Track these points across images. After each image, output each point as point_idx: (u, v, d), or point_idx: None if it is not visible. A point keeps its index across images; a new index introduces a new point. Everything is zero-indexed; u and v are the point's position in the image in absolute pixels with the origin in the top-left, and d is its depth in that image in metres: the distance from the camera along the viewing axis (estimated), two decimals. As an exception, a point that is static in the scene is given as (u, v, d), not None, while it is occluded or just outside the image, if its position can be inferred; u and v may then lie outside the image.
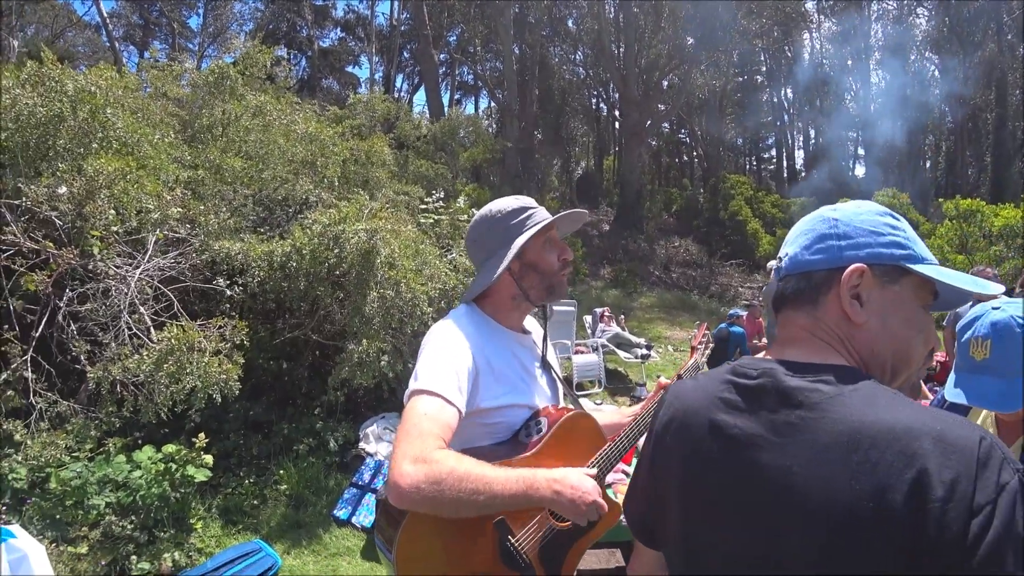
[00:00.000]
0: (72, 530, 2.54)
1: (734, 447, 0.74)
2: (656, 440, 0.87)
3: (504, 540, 1.19)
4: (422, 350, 1.28)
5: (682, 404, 0.84)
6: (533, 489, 1.10)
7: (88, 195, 2.86)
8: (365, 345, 3.61)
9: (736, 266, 16.12)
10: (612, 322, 8.24)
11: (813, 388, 0.70)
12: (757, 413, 0.73)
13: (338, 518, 3.54)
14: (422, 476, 1.03)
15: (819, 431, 0.67)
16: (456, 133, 11.39)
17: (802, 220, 0.86)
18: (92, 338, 2.83)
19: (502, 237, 1.36)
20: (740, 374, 0.79)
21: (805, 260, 0.78)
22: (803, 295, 0.79)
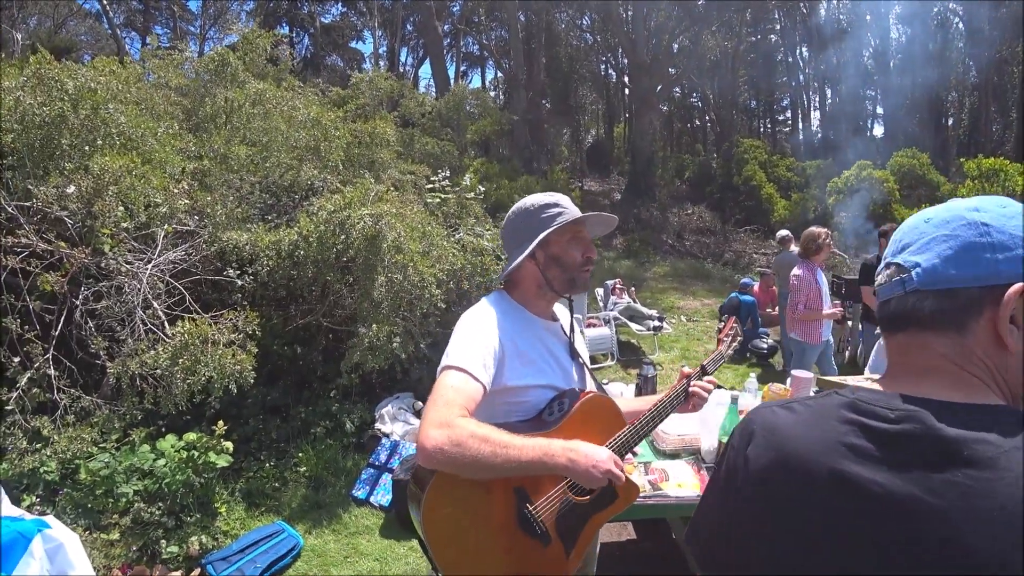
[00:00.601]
0: (103, 518, 2.67)
1: (878, 510, 0.61)
2: (754, 481, 0.73)
3: (522, 507, 1.29)
4: (455, 331, 1.40)
5: (789, 444, 0.71)
6: (548, 455, 1.20)
7: (96, 193, 2.90)
8: (375, 329, 3.65)
9: (750, 232, 15.90)
10: (624, 294, 8.24)
11: (980, 440, 0.58)
12: (906, 469, 0.61)
13: (356, 498, 3.65)
14: (445, 439, 1.13)
15: (1001, 496, 0.55)
16: (462, 108, 11.23)
17: (929, 219, 0.70)
18: (110, 334, 2.91)
19: (532, 229, 1.46)
20: (869, 414, 0.66)
21: (950, 275, 0.65)
22: (946, 317, 0.65)
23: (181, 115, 4.88)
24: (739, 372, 6.42)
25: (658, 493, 2.24)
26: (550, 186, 13.53)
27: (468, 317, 1.44)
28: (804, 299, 4.18)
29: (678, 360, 7.07)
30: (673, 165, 20.50)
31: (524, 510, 1.29)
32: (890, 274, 0.71)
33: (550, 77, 19.96)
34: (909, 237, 0.71)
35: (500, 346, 1.37)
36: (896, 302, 0.70)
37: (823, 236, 4.24)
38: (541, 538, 1.31)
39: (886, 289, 0.72)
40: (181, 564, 2.76)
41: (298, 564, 2.99)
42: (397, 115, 8.72)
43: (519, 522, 1.29)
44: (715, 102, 23.95)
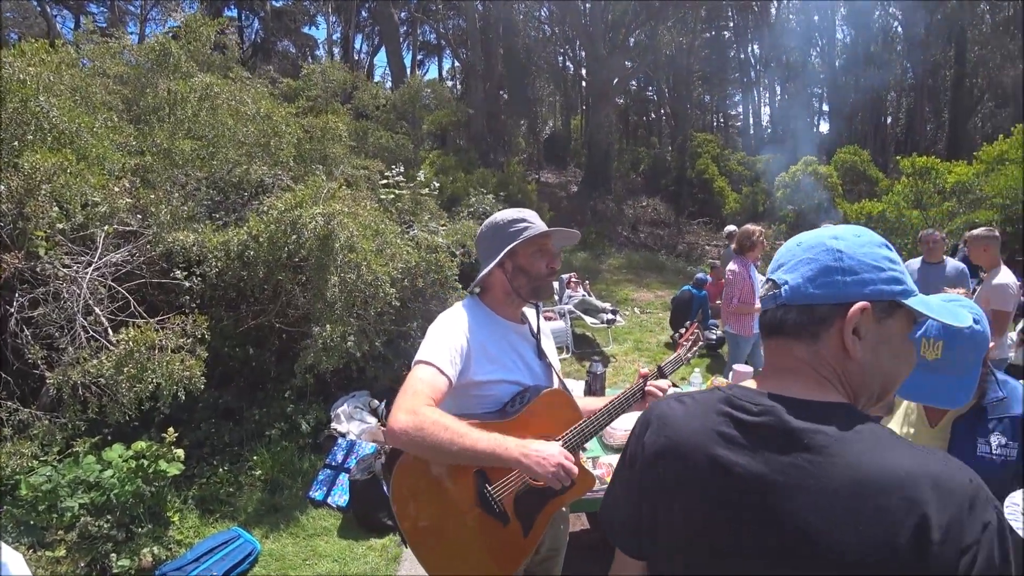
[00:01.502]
0: (48, 534, 2.58)
1: (739, 486, 0.75)
2: (647, 464, 0.86)
3: (482, 487, 1.43)
4: (429, 330, 1.55)
5: (675, 433, 0.84)
6: (502, 449, 1.31)
7: (27, 193, 2.76)
8: (329, 330, 3.63)
9: (703, 224, 16.43)
10: (579, 287, 8.40)
11: (818, 430, 0.71)
12: (761, 453, 0.74)
13: (314, 499, 3.64)
14: (410, 423, 1.28)
15: (827, 476, 0.68)
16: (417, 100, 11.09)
17: (801, 243, 0.83)
18: (49, 342, 2.79)
19: (501, 241, 1.61)
20: (738, 407, 0.79)
21: (809, 293, 0.77)
22: (804, 328, 0.78)
23: (121, 105, 4.64)
24: (690, 363, 6.67)
25: (605, 486, 2.35)
26: (506, 179, 13.57)
27: (442, 318, 1.59)
28: (738, 293, 4.40)
29: (631, 352, 7.28)
30: (629, 158, 20.87)
31: (483, 490, 1.43)
32: (767, 288, 0.83)
33: (508, 68, 19.89)
34: (784, 257, 0.83)
35: (468, 345, 1.51)
36: (770, 313, 0.82)
37: (757, 234, 4.47)
38: (499, 517, 1.45)
39: (764, 301, 0.84)
40: (133, 577, 2.70)
41: (256, 570, 2.98)
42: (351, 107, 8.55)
43: (479, 501, 1.43)
44: (670, 96, 24.45)
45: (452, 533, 1.42)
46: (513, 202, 11.94)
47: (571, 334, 7.16)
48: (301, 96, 7.10)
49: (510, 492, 1.47)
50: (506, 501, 1.46)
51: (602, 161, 17.50)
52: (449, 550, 1.42)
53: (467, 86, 20.09)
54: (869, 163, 13.92)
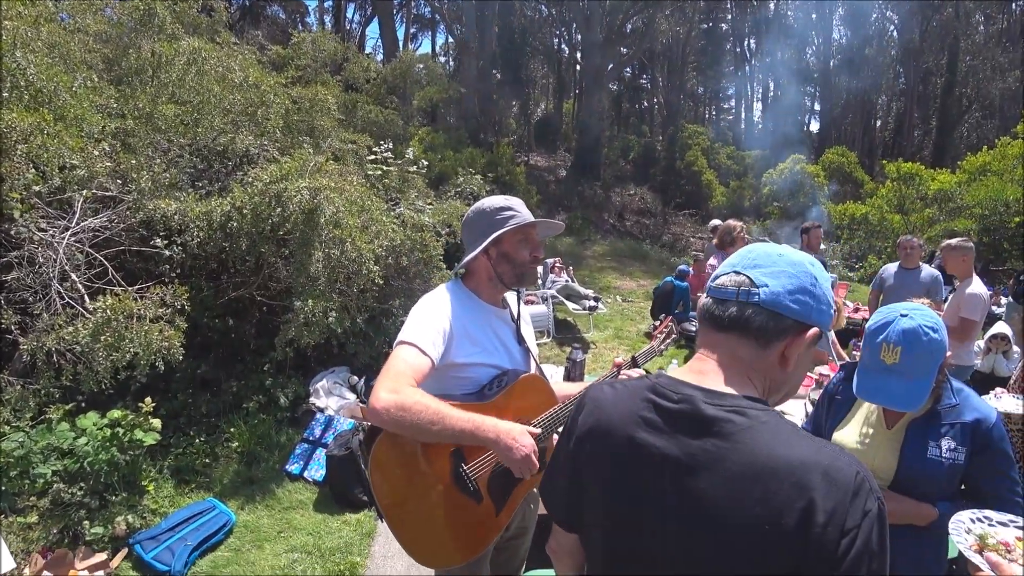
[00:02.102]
0: (20, 500, 2.56)
1: (654, 467, 0.82)
2: (577, 443, 0.94)
3: (457, 467, 1.48)
4: (412, 312, 1.57)
5: (604, 415, 0.90)
6: (480, 430, 1.36)
7: (2, 153, 2.67)
8: (311, 305, 3.61)
9: (689, 216, 16.53)
10: (563, 273, 8.44)
11: (727, 419, 0.78)
12: (676, 437, 0.81)
13: (290, 473, 3.67)
14: (392, 402, 1.30)
15: (730, 461, 0.76)
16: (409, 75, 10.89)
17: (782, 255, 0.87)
18: (22, 307, 2.74)
19: (486, 228, 1.63)
20: (661, 394, 0.86)
21: (785, 304, 0.82)
22: (764, 333, 0.83)
23: (101, 65, 4.48)
24: (668, 353, 6.77)
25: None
26: (496, 159, 13.48)
27: (425, 300, 1.61)
28: None
29: (611, 339, 7.37)
30: (619, 145, 20.83)
31: (459, 469, 1.48)
32: (739, 282, 0.85)
33: (502, 47, 19.59)
34: (762, 261, 0.86)
35: (450, 327, 1.54)
36: (737, 307, 0.84)
37: (738, 229, 4.52)
38: (473, 496, 1.50)
39: (730, 292, 0.85)
40: (107, 545, 2.70)
41: (230, 540, 3.00)
42: (340, 79, 8.36)
43: (454, 480, 1.48)
44: (664, 85, 24.36)
45: (427, 510, 1.46)
46: (501, 183, 11.88)
47: (553, 319, 7.21)
48: (290, 65, 6.92)
49: (485, 471, 1.51)
50: (480, 480, 1.51)
51: (592, 147, 17.45)
52: (423, 526, 1.46)
53: (460, 63, 19.75)
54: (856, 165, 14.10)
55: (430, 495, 1.46)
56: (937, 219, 9.41)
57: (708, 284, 0.93)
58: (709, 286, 0.91)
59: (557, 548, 1.07)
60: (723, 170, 17.71)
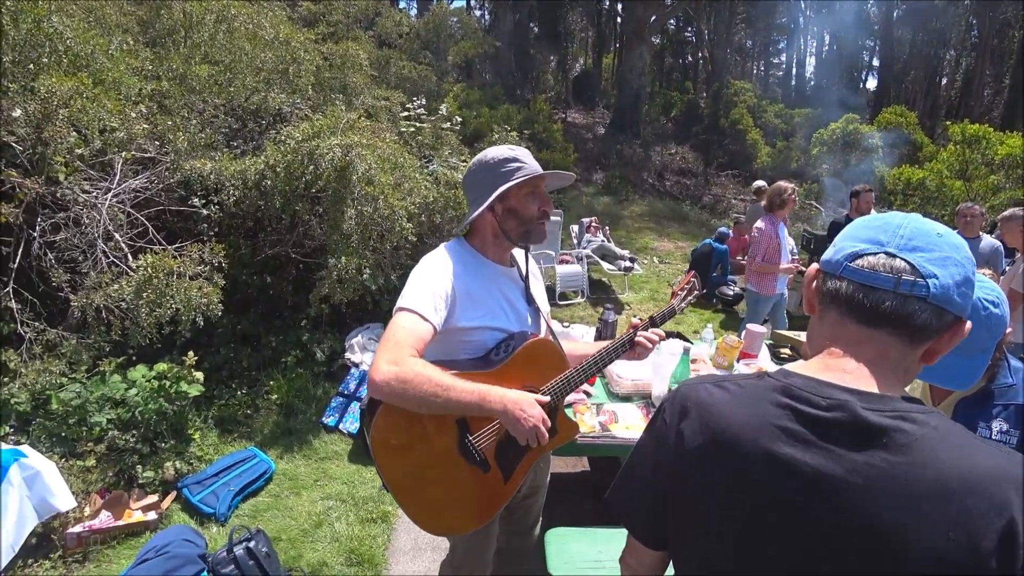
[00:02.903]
0: (79, 445, 2.74)
1: (806, 488, 0.68)
2: (689, 461, 0.78)
3: (463, 436, 1.42)
4: (410, 276, 1.47)
5: (723, 425, 0.76)
6: (486, 401, 1.30)
7: (45, 117, 2.75)
8: (344, 262, 3.66)
9: (732, 177, 15.86)
10: (598, 232, 8.29)
11: (898, 428, 0.67)
12: (832, 451, 0.68)
13: (326, 425, 3.80)
14: (392, 375, 1.23)
15: (909, 477, 0.64)
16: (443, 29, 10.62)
17: (943, 235, 0.73)
18: (72, 266, 2.87)
19: (491, 181, 1.51)
20: (801, 400, 0.72)
21: (953, 299, 0.70)
22: (926, 331, 0.71)
23: (136, 27, 4.54)
24: (704, 317, 6.66)
25: (606, 434, 2.40)
26: (532, 116, 13.16)
27: (424, 262, 1.51)
28: (762, 252, 4.29)
29: (646, 301, 7.26)
30: (660, 102, 19.97)
31: (465, 439, 1.42)
32: (899, 268, 0.71)
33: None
34: (921, 241, 0.72)
35: (452, 290, 1.45)
36: (894, 300, 0.71)
37: (789, 191, 4.29)
38: (480, 465, 1.45)
39: (886, 280, 0.71)
40: (157, 488, 2.89)
41: (270, 487, 3.16)
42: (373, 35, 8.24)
43: (460, 449, 1.42)
44: (710, 39, 23.01)
45: (433, 481, 1.41)
46: (537, 141, 11.63)
47: (587, 279, 7.14)
48: (321, 21, 6.85)
49: (492, 440, 1.46)
50: (487, 449, 1.46)
51: (632, 104, 16.80)
52: (430, 498, 1.42)
53: (496, 17, 19.14)
54: (916, 126, 13.02)
55: (435, 467, 1.41)
56: (1003, 186, 8.66)
57: (838, 260, 0.75)
58: (846, 266, 0.74)
59: (636, 565, 0.93)
60: (770, 129, 16.78)
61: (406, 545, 2.82)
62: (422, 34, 9.90)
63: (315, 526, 2.89)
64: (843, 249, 0.76)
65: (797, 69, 27.50)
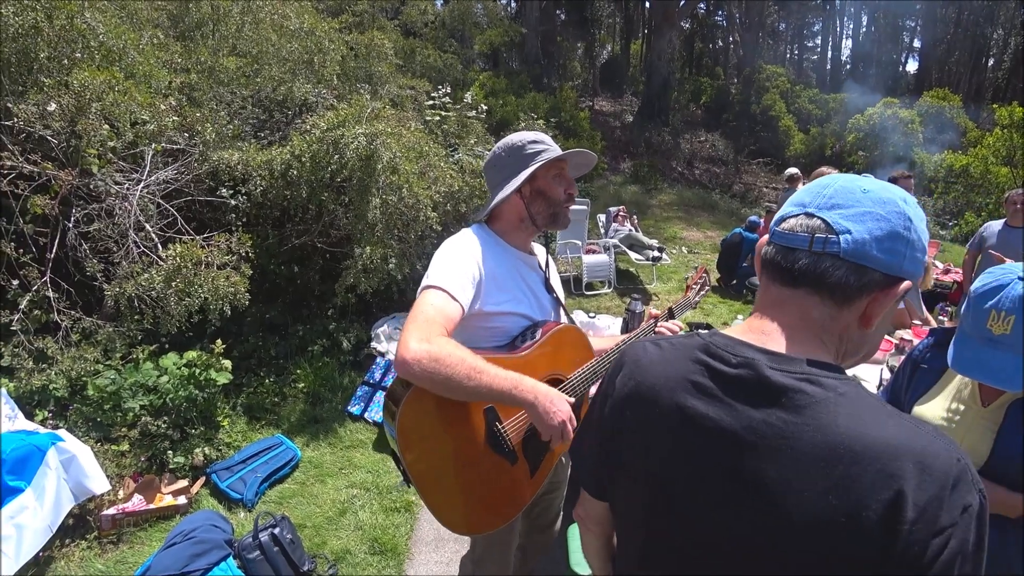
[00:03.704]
0: (113, 431, 2.83)
1: (707, 440, 0.70)
2: (614, 408, 0.83)
3: (492, 425, 1.37)
4: (436, 255, 1.44)
5: (646, 378, 0.79)
6: (517, 390, 1.25)
7: (79, 111, 2.81)
8: (369, 251, 3.67)
9: (763, 164, 15.43)
10: (626, 222, 8.15)
11: (799, 389, 0.66)
12: (734, 407, 0.69)
13: (352, 413, 3.84)
14: (424, 353, 1.16)
15: (801, 439, 0.64)
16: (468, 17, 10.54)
17: (868, 191, 0.70)
18: (106, 256, 2.94)
19: (518, 164, 1.51)
20: (716, 356, 0.73)
21: (872, 255, 0.67)
22: (845, 289, 0.69)
23: (166, 22, 4.61)
24: (734, 308, 6.50)
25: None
26: (559, 104, 13.00)
27: (450, 242, 1.48)
28: None
29: (675, 291, 7.13)
30: (690, 88, 19.49)
31: (494, 427, 1.37)
32: (813, 227, 0.70)
33: (566, -16, 18.55)
34: (842, 199, 0.70)
35: (479, 271, 1.42)
36: (808, 259, 0.70)
37: None
38: (508, 456, 1.40)
39: (801, 239, 0.70)
40: (187, 473, 2.96)
41: (296, 474, 3.21)
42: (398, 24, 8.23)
43: (488, 439, 1.37)
44: (741, 22, 22.32)
45: (460, 472, 1.35)
46: (564, 129, 11.49)
47: (615, 269, 7.04)
48: (346, 11, 6.86)
49: (520, 431, 1.42)
50: (515, 440, 1.41)
51: (661, 91, 16.43)
52: (455, 489, 1.36)
53: (522, 4, 18.92)
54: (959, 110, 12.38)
55: (463, 456, 1.34)
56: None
57: (772, 228, 0.76)
58: (773, 230, 0.75)
59: (585, 515, 0.98)
60: (803, 115, 16.23)
61: (429, 535, 2.83)
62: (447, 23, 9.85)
63: (339, 514, 2.92)
64: (778, 217, 0.75)
65: (833, 52, 26.51)
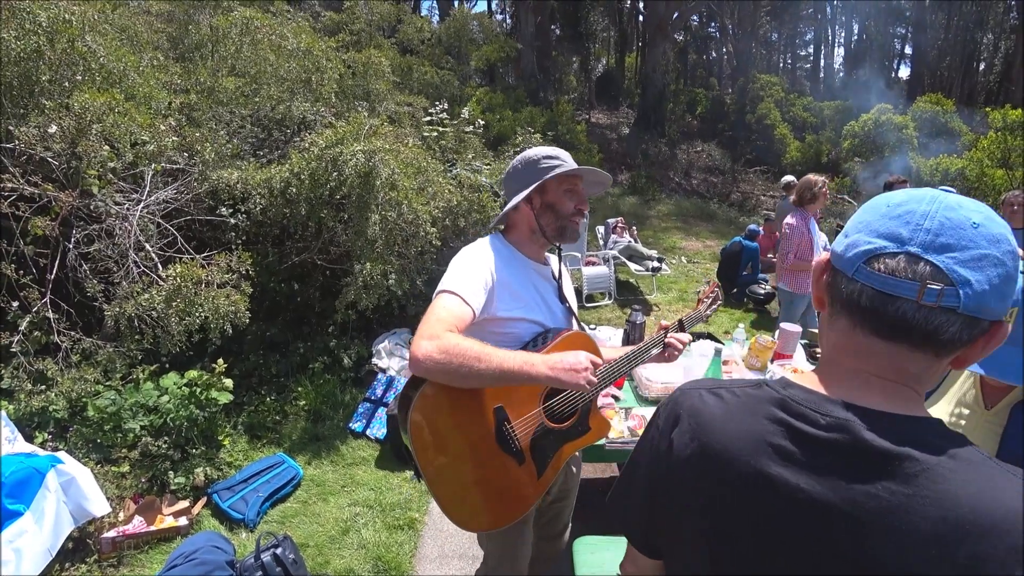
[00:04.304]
0: (113, 452, 2.81)
1: (795, 513, 0.61)
2: (674, 468, 0.73)
3: (501, 424, 1.42)
4: (452, 262, 1.52)
5: (714, 438, 0.69)
6: (530, 365, 1.29)
7: (79, 132, 2.83)
8: (369, 267, 3.68)
9: (760, 173, 15.51)
10: (625, 233, 8.18)
11: (907, 455, 0.58)
12: (829, 477, 0.60)
13: (353, 431, 3.82)
14: (434, 348, 1.24)
15: (915, 514, 0.56)
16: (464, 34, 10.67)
17: (979, 226, 0.59)
18: (106, 276, 2.94)
19: (531, 176, 1.58)
20: (797, 415, 0.64)
21: (989, 307, 0.58)
22: (951, 344, 0.60)
23: (166, 44, 4.67)
24: (735, 317, 6.49)
25: (636, 439, 2.34)
26: (555, 118, 13.11)
27: (466, 251, 1.57)
28: (795, 249, 4.14)
29: (675, 302, 7.12)
30: (685, 99, 19.66)
31: (503, 427, 1.42)
32: (921, 273, 0.58)
33: (560, 1, 18.80)
34: (952, 236, 0.59)
35: (492, 278, 1.49)
36: (916, 312, 0.59)
37: (819, 184, 4.13)
38: (516, 456, 1.45)
39: (907, 288, 0.59)
40: (188, 493, 2.93)
41: (298, 493, 3.18)
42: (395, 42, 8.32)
43: (497, 438, 1.42)
44: (734, 34, 22.59)
45: (469, 470, 1.41)
46: (561, 142, 11.57)
47: (614, 280, 7.05)
48: (344, 30, 6.94)
49: (529, 431, 1.47)
50: (523, 440, 1.46)
51: (656, 102, 16.58)
52: (465, 487, 1.42)
53: (517, 20, 19.15)
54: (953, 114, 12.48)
55: (472, 454, 1.41)
56: (1048, 174, 8.24)
57: (851, 259, 0.63)
58: (860, 267, 0.62)
59: (636, 572, 0.87)
60: (798, 123, 16.35)
61: (433, 552, 2.79)
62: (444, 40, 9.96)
63: (342, 532, 2.89)
64: (857, 244, 0.64)
65: (825, 61, 26.84)
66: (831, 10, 25.03)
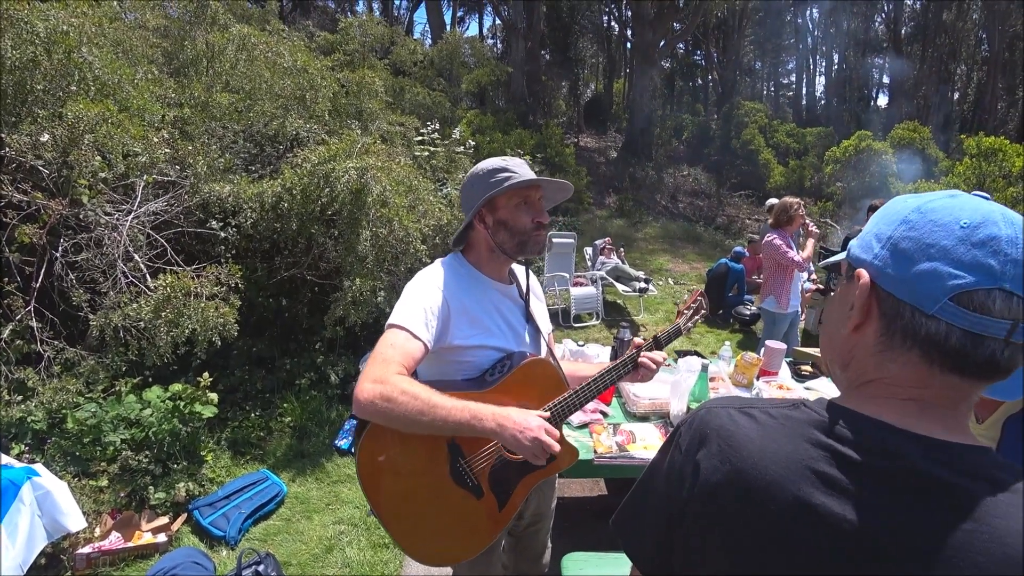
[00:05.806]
0: (92, 465, 2.74)
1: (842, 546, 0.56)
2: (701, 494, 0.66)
3: (455, 460, 1.35)
4: (403, 291, 1.42)
5: (747, 462, 0.63)
6: (477, 419, 1.22)
7: (71, 142, 2.83)
8: (359, 284, 3.68)
9: (745, 197, 15.83)
10: (612, 254, 8.26)
11: (965, 487, 0.54)
12: (877, 507, 0.56)
13: (339, 448, 3.76)
14: (377, 393, 1.19)
15: (976, 549, 0.52)
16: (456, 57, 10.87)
17: None
18: (92, 286, 2.91)
19: (480, 192, 1.45)
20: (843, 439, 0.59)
21: None
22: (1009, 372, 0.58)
23: (161, 58, 4.71)
24: (721, 337, 6.55)
25: (624, 454, 2.34)
26: (544, 141, 13.30)
27: (417, 278, 1.46)
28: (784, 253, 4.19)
29: (662, 322, 7.18)
30: (672, 125, 20.10)
31: (457, 463, 1.36)
32: (1015, 312, 0.54)
33: (550, 27, 19.24)
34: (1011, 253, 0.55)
35: (446, 306, 1.39)
36: (1003, 350, 0.55)
37: (795, 206, 4.22)
38: (473, 491, 1.38)
39: (999, 328, 0.55)
40: (168, 509, 2.86)
41: (281, 510, 3.12)
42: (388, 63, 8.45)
43: (451, 473, 1.36)
44: (719, 61, 23.27)
45: (423, 507, 1.35)
46: (550, 165, 11.73)
47: (602, 301, 7.10)
48: (338, 50, 7.04)
49: (486, 465, 1.40)
50: (481, 474, 1.39)
51: (644, 127, 16.92)
52: (420, 525, 1.36)
53: (508, 45, 19.55)
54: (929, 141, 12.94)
55: (426, 491, 1.35)
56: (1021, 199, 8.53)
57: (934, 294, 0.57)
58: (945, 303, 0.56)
59: None
60: (782, 149, 16.80)
61: (418, 571, 2.75)
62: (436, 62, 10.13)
63: (326, 551, 2.83)
64: (939, 276, 0.56)
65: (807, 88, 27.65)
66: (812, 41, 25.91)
